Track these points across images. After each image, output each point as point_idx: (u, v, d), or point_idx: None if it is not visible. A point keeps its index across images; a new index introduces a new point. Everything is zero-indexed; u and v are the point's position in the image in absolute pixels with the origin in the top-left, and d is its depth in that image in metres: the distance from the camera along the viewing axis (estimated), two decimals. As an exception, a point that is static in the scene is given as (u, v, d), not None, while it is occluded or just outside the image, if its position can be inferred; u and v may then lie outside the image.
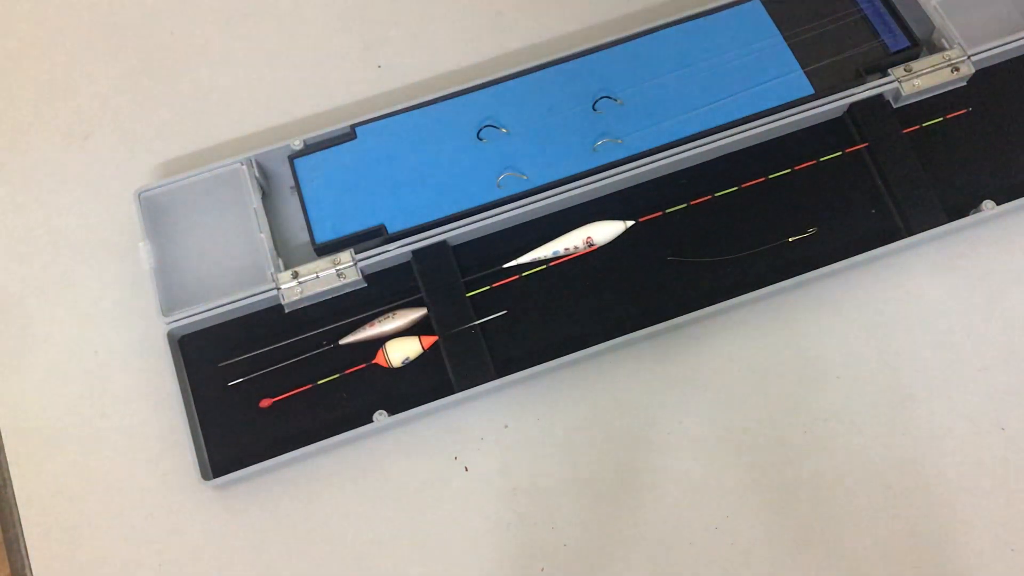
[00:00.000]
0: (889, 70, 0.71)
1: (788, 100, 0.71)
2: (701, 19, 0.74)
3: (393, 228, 0.69)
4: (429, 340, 0.66)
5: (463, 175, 0.70)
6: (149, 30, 0.81)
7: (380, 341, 0.66)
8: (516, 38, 0.79)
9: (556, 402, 0.67)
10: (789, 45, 0.73)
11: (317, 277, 0.67)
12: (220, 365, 0.67)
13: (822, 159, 0.71)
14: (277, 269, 0.67)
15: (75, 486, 0.66)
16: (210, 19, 0.82)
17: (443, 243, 0.68)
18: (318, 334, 0.68)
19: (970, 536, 0.62)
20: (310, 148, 0.72)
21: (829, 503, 0.64)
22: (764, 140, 0.71)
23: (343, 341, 0.67)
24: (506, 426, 0.67)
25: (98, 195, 0.75)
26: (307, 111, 0.77)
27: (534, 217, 0.70)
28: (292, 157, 0.71)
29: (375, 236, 0.69)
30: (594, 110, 0.72)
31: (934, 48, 0.73)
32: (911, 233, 0.68)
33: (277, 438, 0.65)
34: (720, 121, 0.70)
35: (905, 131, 0.71)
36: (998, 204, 0.68)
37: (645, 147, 0.70)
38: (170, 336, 0.66)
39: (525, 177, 0.70)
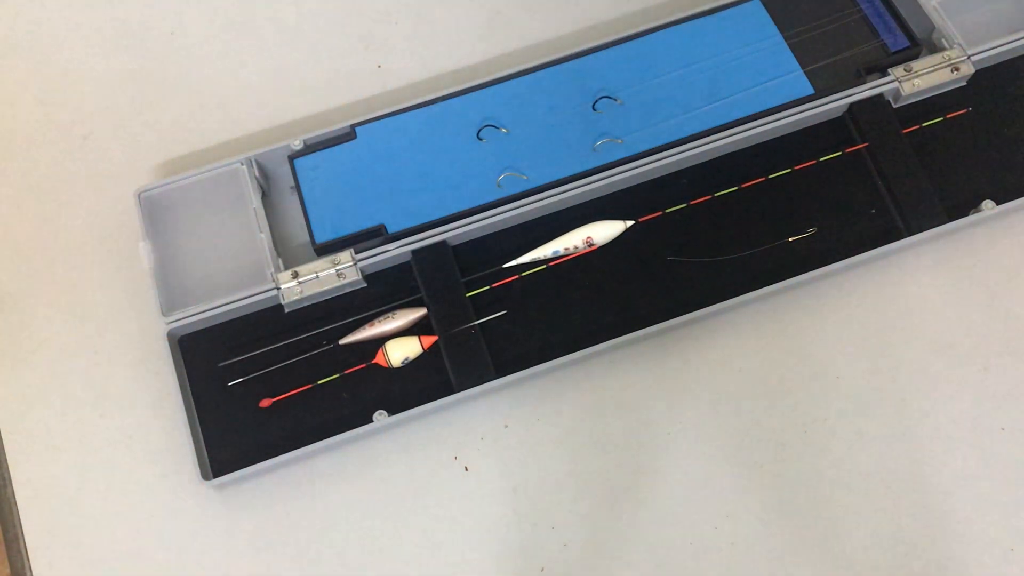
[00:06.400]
0: (889, 70, 0.71)
1: (788, 100, 0.71)
2: (701, 19, 0.74)
3: (393, 228, 0.69)
4: (429, 340, 0.66)
5: (463, 175, 0.70)
6: (149, 30, 0.81)
7: (380, 341, 0.66)
8: (516, 38, 0.79)
9: (556, 402, 0.67)
10: (789, 45, 0.73)
11: (317, 277, 0.67)
12: (220, 365, 0.67)
13: (822, 159, 0.71)
14: (277, 269, 0.67)
15: (75, 486, 0.66)
16: (210, 19, 0.82)
17: (443, 243, 0.68)
18: (318, 334, 0.68)
19: (970, 536, 0.62)
20: (310, 148, 0.72)
21: (829, 503, 0.64)
22: (764, 140, 0.71)
23: (343, 341, 0.67)
24: (506, 426, 0.67)
25: (98, 195, 0.75)
26: (307, 111, 0.77)
27: (534, 217, 0.70)
28: (292, 157, 0.71)
29: (375, 236, 0.69)
30: (594, 110, 0.72)
31: (934, 48, 0.73)
32: (911, 233, 0.68)
33: (277, 438, 0.65)
34: (720, 121, 0.70)
35: (905, 131, 0.71)
36: (998, 204, 0.68)
37: (645, 147, 0.70)
38: (170, 336, 0.66)
39: (525, 177, 0.70)
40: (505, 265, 0.69)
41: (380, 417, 0.64)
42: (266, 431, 0.65)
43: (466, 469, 0.66)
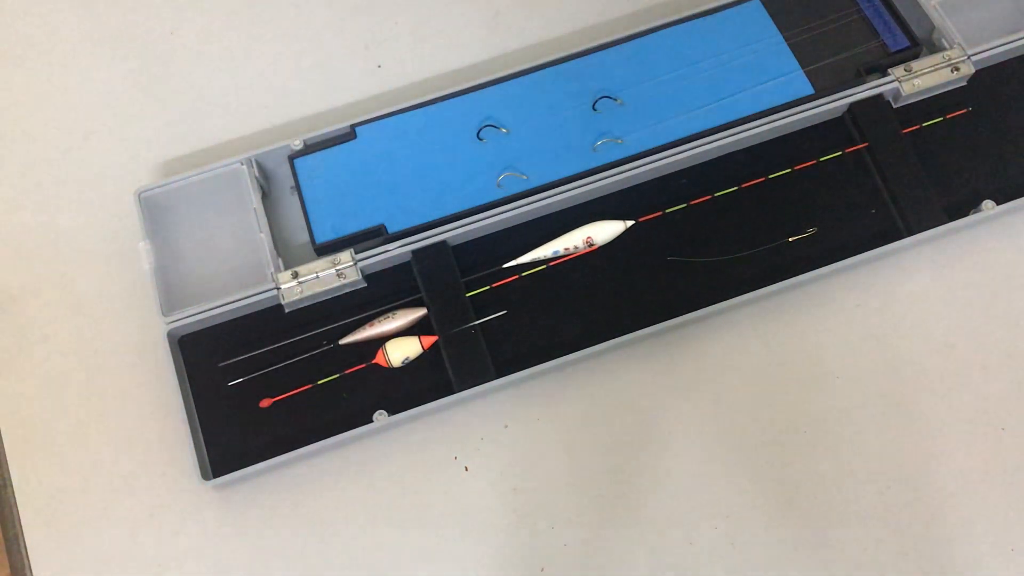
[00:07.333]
0: (889, 70, 0.71)
1: (788, 100, 0.71)
2: (701, 19, 0.74)
3: (393, 228, 0.69)
4: (429, 340, 0.66)
5: (463, 175, 0.70)
6: (149, 30, 0.81)
7: (380, 341, 0.66)
8: (516, 38, 0.79)
9: (556, 402, 0.67)
10: (789, 45, 0.73)
11: (317, 277, 0.67)
12: (220, 365, 0.67)
13: (822, 159, 0.71)
14: (277, 269, 0.67)
15: (75, 486, 0.66)
16: (210, 19, 0.82)
17: (443, 243, 0.68)
18: (318, 334, 0.68)
19: (970, 536, 0.62)
20: (310, 148, 0.72)
21: (829, 503, 0.64)
22: (764, 140, 0.71)
23: (343, 341, 0.67)
24: (506, 426, 0.67)
25: (98, 195, 0.75)
26: (307, 111, 0.77)
27: (534, 217, 0.70)
28: (292, 157, 0.71)
29: (375, 236, 0.69)
30: (594, 110, 0.72)
31: (934, 48, 0.73)
32: (911, 233, 0.68)
33: (277, 438, 0.65)
34: (720, 121, 0.70)
35: (905, 131, 0.71)
36: (998, 204, 0.68)
37: (645, 147, 0.70)
38: (170, 336, 0.66)
39: (525, 177, 0.70)
40: (505, 265, 0.69)
41: (380, 417, 0.64)
42: (266, 431, 0.65)
43: (466, 469, 0.66)
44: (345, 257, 0.67)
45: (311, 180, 0.70)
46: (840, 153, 0.71)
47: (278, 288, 0.67)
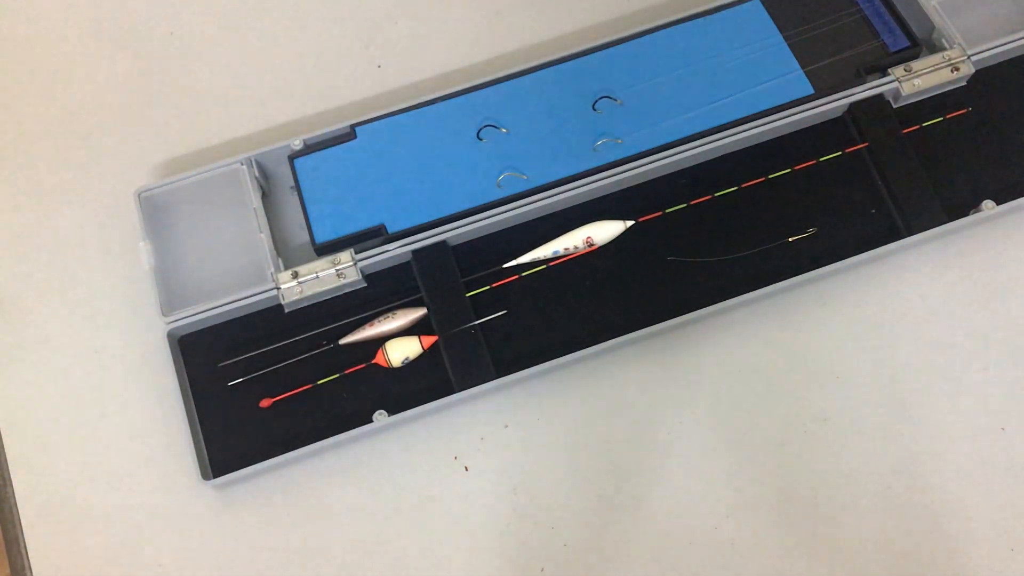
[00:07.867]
0: (889, 70, 0.71)
1: (788, 100, 0.71)
2: (701, 19, 0.74)
3: (393, 228, 0.69)
4: (429, 340, 0.66)
5: (463, 175, 0.70)
6: (149, 30, 0.81)
7: (380, 341, 0.66)
8: (516, 38, 0.79)
9: (556, 402, 0.67)
10: (789, 45, 0.73)
11: (317, 277, 0.67)
12: (220, 365, 0.67)
13: (822, 159, 0.71)
14: (277, 269, 0.67)
15: (75, 486, 0.66)
16: (209, 19, 0.82)
17: (443, 243, 0.68)
18: (318, 334, 0.68)
19: (970, 536, 0.62)
20: (310, 148, 0.72)
21: (829, 503, 0.64)
22: (764, 140, 0.72)
23: (343, 341, 0.67)
24: (506, 426, 0.67)
25: (98, 195, 0.75)
26: (307, 111, 0.77)
27: (534, 217, 0.70)
28: (292, 157, 0.71)
29: (375, 236, 0.69)
30: (594, 110, 0.72)
31: (934, 48, 0.73)
32: (911, 233, 0.68)
33: (277, 438, 0.65)
34: (720, 121, 0.70)
35: (905, 131, 0.71)
36: (998, 204, 0.68)
37: (645, 147, 0.70)
38: (170, 336, 0.66)
39: (525, 177, 0.70)
40: (505, 265, 0.69)
41: (380, 417, 0.64)
42: (266, 431, 0.65)
43: (466, 469, 0.66)
44: (345, 257, 0.67)
45: (311, 180, 0.70)
46: (840, 153, 0.71)
47: (278, 288, 0.67)
